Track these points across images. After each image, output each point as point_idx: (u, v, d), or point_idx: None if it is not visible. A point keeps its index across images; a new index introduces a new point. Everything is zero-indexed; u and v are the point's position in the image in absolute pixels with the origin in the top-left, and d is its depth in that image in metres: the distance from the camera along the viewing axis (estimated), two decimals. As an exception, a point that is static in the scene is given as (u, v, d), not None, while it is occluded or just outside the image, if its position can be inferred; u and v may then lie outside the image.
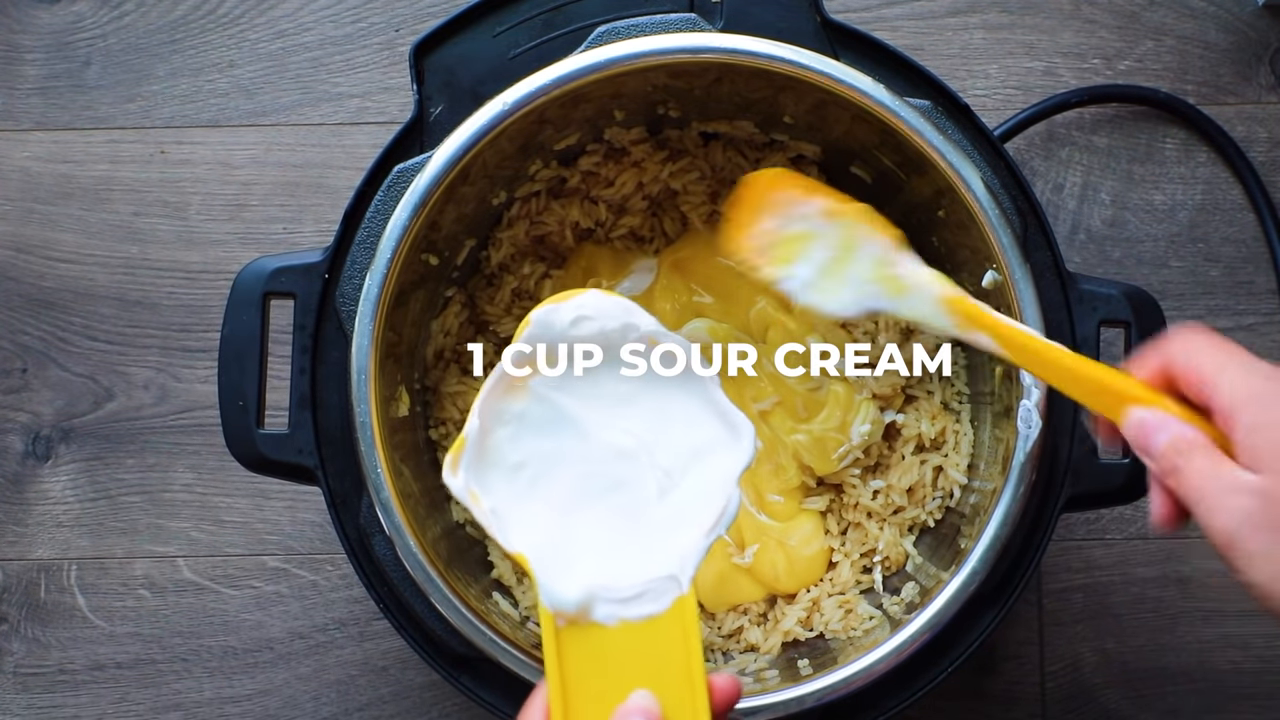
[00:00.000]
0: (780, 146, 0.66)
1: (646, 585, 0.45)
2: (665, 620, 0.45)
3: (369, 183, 0.58)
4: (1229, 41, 0.75)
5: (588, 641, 0.44)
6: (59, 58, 0.77)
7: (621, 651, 0.44)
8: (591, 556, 0.46)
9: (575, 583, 0.45)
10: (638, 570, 0.45)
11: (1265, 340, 0.74)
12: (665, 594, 0.45)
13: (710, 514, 0.46)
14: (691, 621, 0.45)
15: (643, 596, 0.45)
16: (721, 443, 0.47)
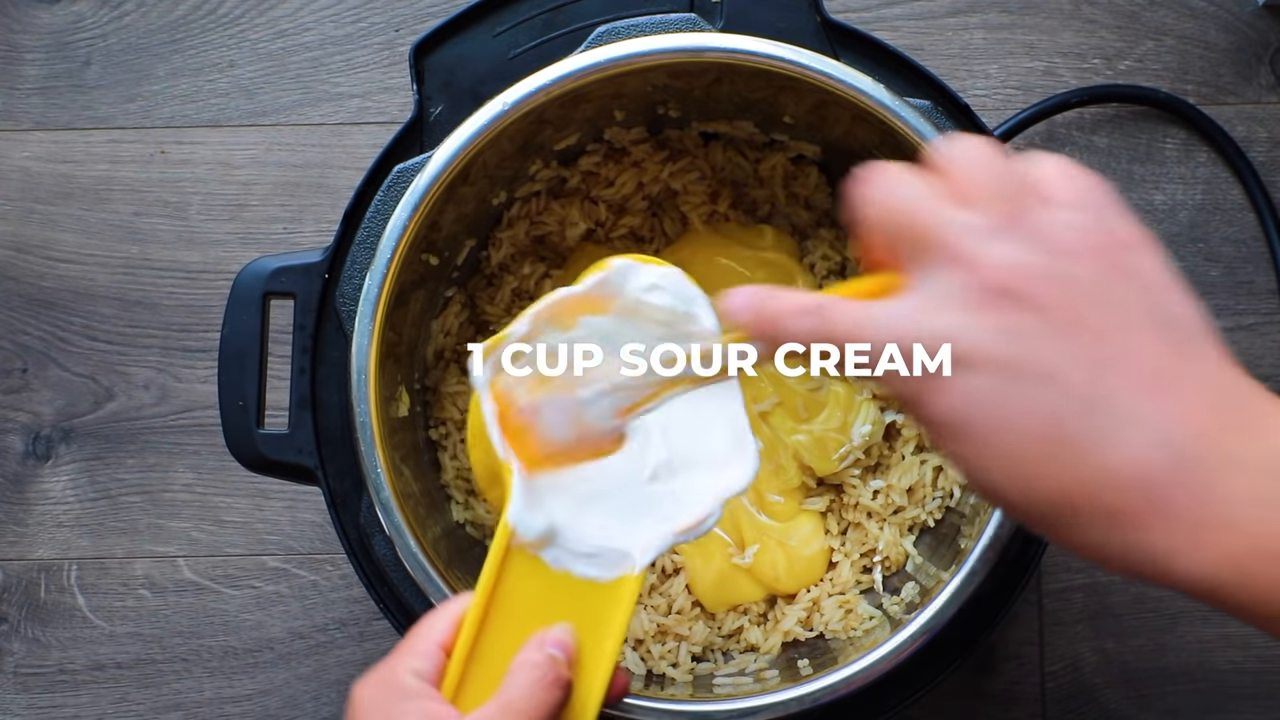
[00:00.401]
0: (780, 146, 0.66)
1: (601, 550, 0.46)
2: (604, 589, 0.45)
3: (369, 183, 0.58)
4: (1229, 41, 0.75)
5: (528, 571, 0.45)
6: (59, 58, 0.77)
7: (553, 595, 0.45)
8: (567, 500, 0.46)
9: (543, 515, 0.45)
10: (600, 534, 0.46)
11: (1265, 340, 0.74)
12: (615, 567, 0.46)
13: (687, 519, 0.46)
14: (628, 601, 0.45)
15: (594, 559, 0.45)
16: (725, 459, 0.47)
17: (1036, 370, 0.34)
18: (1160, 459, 0.33)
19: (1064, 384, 0.34)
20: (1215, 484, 0.33)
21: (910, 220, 0.36)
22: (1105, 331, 0.34)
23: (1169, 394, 0.34)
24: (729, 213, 0.68)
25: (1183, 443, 0.33)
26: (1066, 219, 0.35)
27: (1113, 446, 0.33)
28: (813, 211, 0.68)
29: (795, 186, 0.67)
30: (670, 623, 0.64)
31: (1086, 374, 0.34)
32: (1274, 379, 0.73)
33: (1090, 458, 0.33)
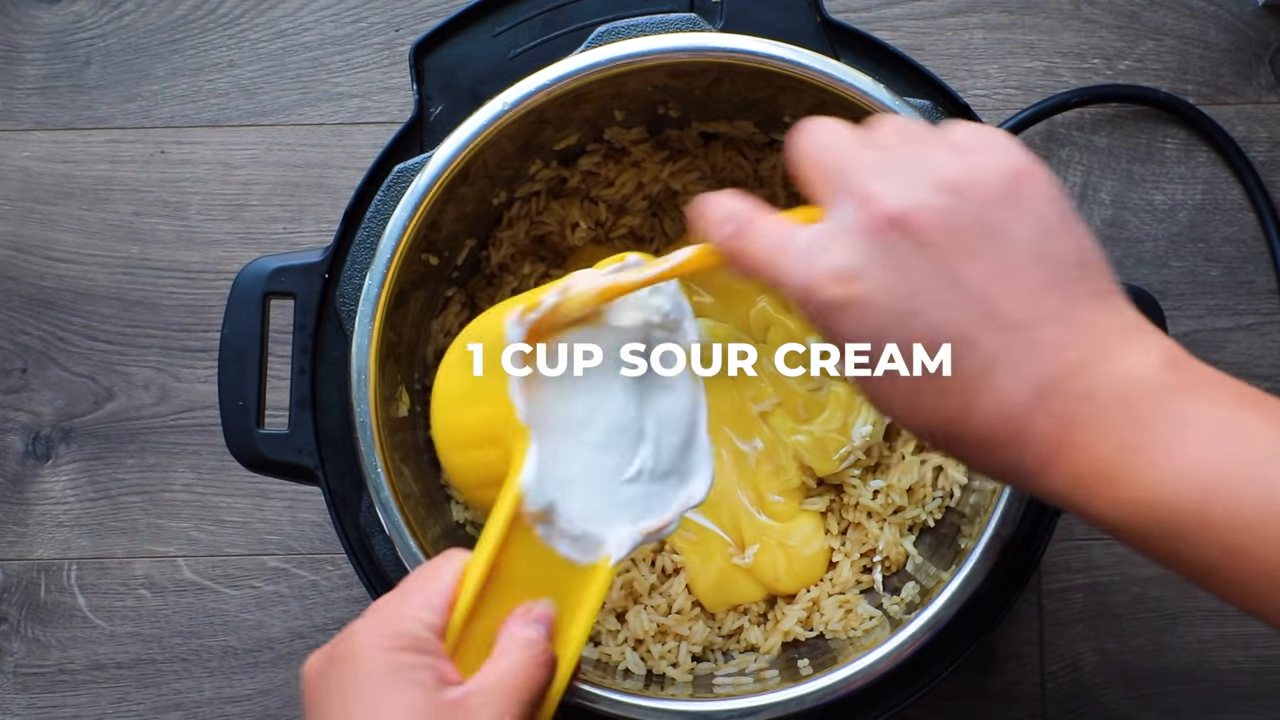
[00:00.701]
0: (780, 146, 0.66)
1: (585, 535, 0.47)
2: (580, 574, 0.47)
3: (369, 183, 0.58)
4: (1229, 41, 0.75)
5: (521, 541, 0.45)
6: (59, 57, 0.77)
7: (538, 570, 0.46)
8: (563, 480, 0.47)
9: (546, 489, 0.46)
10: (584, 519, 0.47)
11: (1265, 340, 0.74)
12: (593, 553, 0.47)
13: (649, 524, 0.48)
14: (600, 589, 0.46)
15: (576, 541, 0.47)
16: (691, 473, 0.50)
17: (920, 303, 0.37)
18: (1023, 397, 0.37)
19: (942, 319, 0.37)
20: (1067, 414, 0.37)
21: (827, 158, 0.40)
22: (985, 266, 0.37)
23: (1037, 331, 0.37)
24: (729, 213, 0.68)
25: (1043, 380, 0.37)
26: (965, 160, 0.38)
27: (985, 384, 0.37)
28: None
29: (795, 187, 0.67)
30: (670, 622, 0.64)
31: (963, 310, 0.37)
32: (1274, 379, 0.73)
33: (966, 394, 0.37)
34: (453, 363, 0.49)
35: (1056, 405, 0.37)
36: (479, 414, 0.47)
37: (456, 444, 0.49)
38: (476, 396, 0.47)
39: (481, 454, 0.47)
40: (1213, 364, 0.71)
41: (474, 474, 0.49)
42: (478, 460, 0.48)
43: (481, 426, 0.47)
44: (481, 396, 0.47)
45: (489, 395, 0.46)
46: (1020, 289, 0.37)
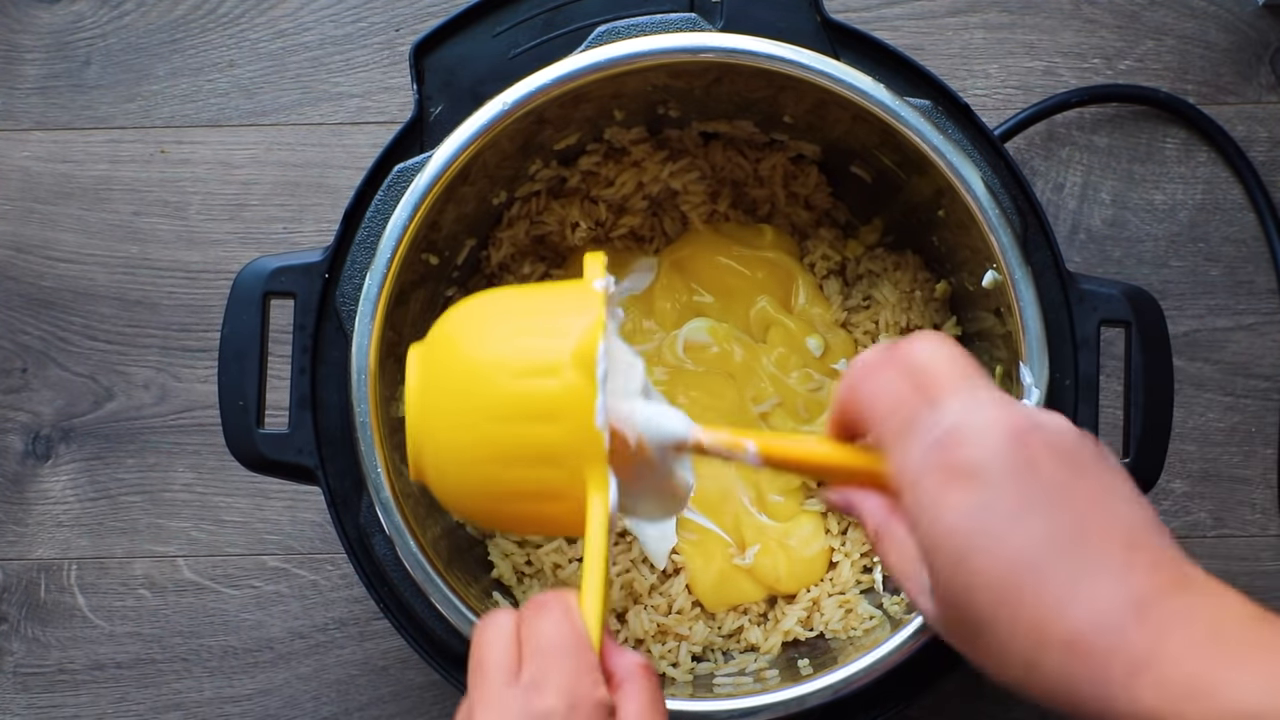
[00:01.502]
0: (780, 146, 0.66)
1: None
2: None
3: (369, 182, 0.58)
4: (1229, 41, 0.75)
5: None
6: (59, 57, 0.77)
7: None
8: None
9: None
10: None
11: (1265, 340, 0.74)
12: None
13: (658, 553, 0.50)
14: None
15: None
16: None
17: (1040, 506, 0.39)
18: (1122, 602, 0.38)
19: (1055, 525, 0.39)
20: (1164, 627, 0.37)
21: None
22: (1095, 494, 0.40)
23: (1132, 557, 0.38)
24: (729, 212, 0.68)
25: (1140, 592, 0.38)
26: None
27: (1086, 581, 0.38)
28: (812, 211, 0.68)
29: (795, 186, 0.67)
30: (670, 623, 0.64)
31: (1074, 525, 0.39)
32: (1274, 379, 0.73)
33: (1069, 588, 0.38)
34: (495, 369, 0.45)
35: (1153, 617, 0.37)
36: (540, 432, 0.44)
37: (495, 458, 0.45)
38: (541, 415, 0.44)
39: (532, 473, 0.45)
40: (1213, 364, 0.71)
41: (514, 490, 0.46)
42: (524, 478, 0.45)
43: (541, 446, 0.44)
44: (548, 415, 0.44)
45: (559, 415, 0.44)
46: (1122, 519, 0.39)
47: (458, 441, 0.46)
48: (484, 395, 0.45)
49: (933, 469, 0.40)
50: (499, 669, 0.42)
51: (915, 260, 0.66)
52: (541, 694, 0.40)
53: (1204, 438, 0.73)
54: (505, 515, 0.48)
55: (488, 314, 0.47)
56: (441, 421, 0.46)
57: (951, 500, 0.39)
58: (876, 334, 0.66)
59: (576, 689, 0.41)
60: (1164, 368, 0.57)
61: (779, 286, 0.68)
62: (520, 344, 0.45)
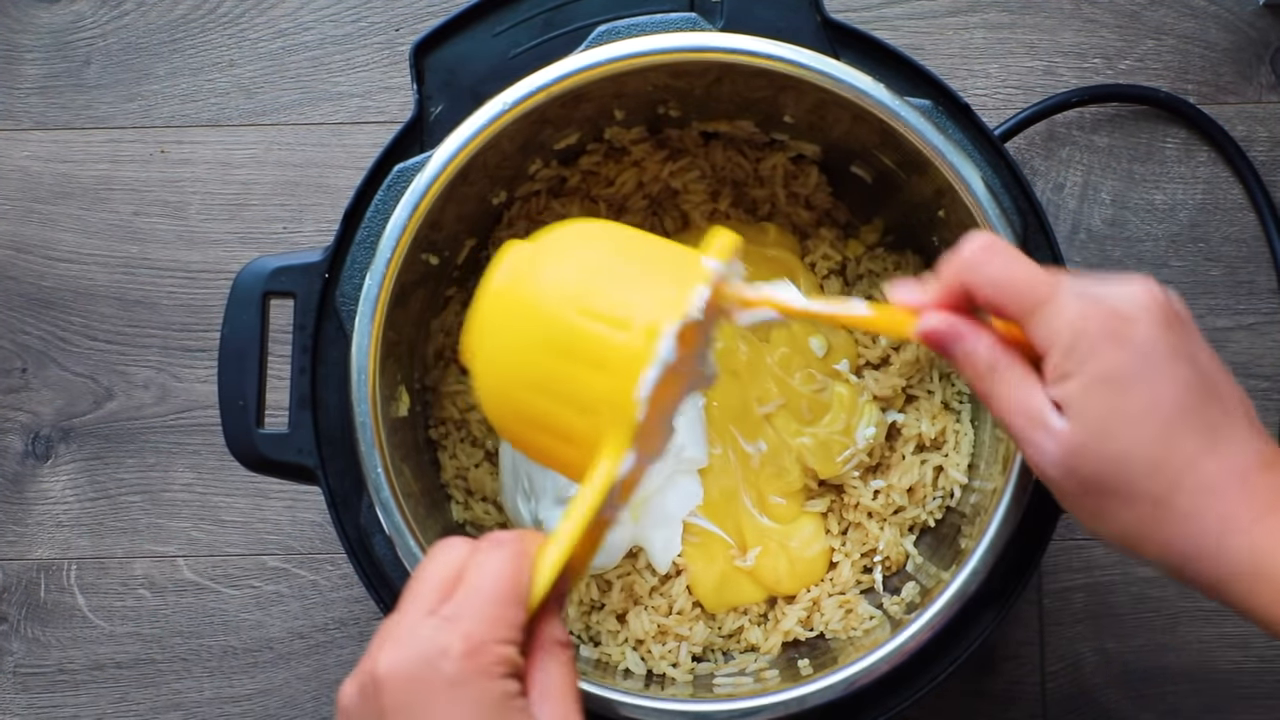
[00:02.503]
0: (780, 146, 0.66)
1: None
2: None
3: (369, 182, 0.58)
4: (1229, 41, 0.75)
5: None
6: (59, 57, 0.77)
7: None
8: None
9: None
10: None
11: (1266, 340, 0.74)
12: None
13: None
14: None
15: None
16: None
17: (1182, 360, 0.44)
18: (1253, 456, 0.44)
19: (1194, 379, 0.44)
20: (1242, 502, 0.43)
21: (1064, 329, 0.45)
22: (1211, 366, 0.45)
23: (1252, 422, 0.44)
24: (730, 211, 0.68)
25: (1270, 450, 0.44)
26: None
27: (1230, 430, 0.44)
28: (813, 211, 0.68)
29: (795, 186, 0.67)
30: (671, 623, 0.64)
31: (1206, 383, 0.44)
32: (1274, 378, 0.73)
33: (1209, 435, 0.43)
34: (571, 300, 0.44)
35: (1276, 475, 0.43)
36: (583, 376, 0.43)
37: (534, 383, 0.44)
38: (592, 361, 0.43)
39: (563, 411, 0.44)
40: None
41: (539, 420, 0.45)
42: (553, 412, 0.44)
43: (579, 390, 0.43)
44: (598, 363, 0.43)
45: (608, 368, 0.43)
46: (1229, 386, 0.45)
47: (509, 352, 0.45)
48: (551, 321, 0.44)
49: (1092, 321, 0.43)
50: (426, 596, 0.42)
51: (915, 260, 0.66)
52: (449, 630, 0.40)
53: (1204, 438, 0.73)
54: (524, 437, 0.47)
55: (593, 243, 0.47)
56: (504, 324, 0.45)
57: (1111, 347, 0.43)
58: (877, 334, 0.66)
59: (486, 636, 0.40)
60: (1164, 368, 0.57)
61: (780, 285, 0.68)
62: (606, 286, 0.44)
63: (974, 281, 0.46)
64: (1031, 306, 0.44)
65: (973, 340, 0.46)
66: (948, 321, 0.46)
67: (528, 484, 0.63)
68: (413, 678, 0.40)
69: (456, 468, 0.65)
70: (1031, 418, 0.45)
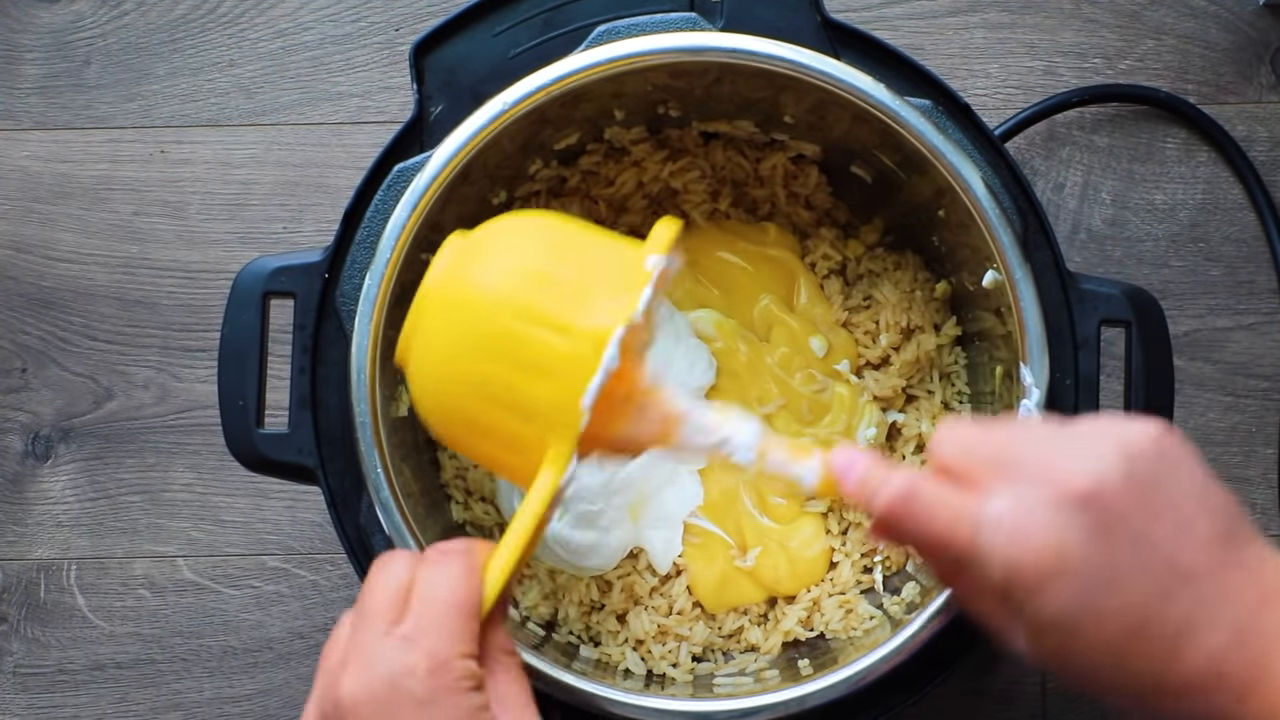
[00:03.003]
0: (780, 146, 0.66)
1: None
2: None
3: (369, 182, 0.58)
4: (1230, 41, 0.75)
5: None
6: (59, 57, 0.77)
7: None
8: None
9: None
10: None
11: (1266, 340, 0.74)
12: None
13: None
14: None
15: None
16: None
17: (1120, 569, 0.40)
18: (1225, 637, 0.40)
19: (1143, 581, 0.40)
20: (1262, 650, 0.40)
21: (984, 450, 0.43)
22: (1167, 525, 0.40)
23: (1222, 576, 0.40)
24: (729, 211, 0.68)
25: (1238, 621, 0.40)
26: (1113, 433, 0.42)
27: (1189, 634, 0.40)
28: (813, 211, 0.68)
29: (795, 186, 0.67)
30: (671, 623, 0.64)
31: (1159, 568, 0.40)
32: (1274, 378, 0.73)
33: (1171, 646, 0.40)
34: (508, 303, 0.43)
35: (1253, 643, 0.40)
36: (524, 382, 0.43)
37: (473, 388, 0.44)
38: (533, 368, 0.43)
39: (503, 418, 0.43)
40: (1213, 364, 0.71)
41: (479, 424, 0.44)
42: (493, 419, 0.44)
43: (520, 396, 0.43)
44: (540, 371, 0.43)
45: (551, 375, 0.42)
46: (1199, 540, 0.40)
47: (447, 354, 0.44)
48: (488, 325, 0.43)
49: (1022, 566, 0.40)
50: (380, 615, 0.42)
51: (915, 260, 0.66)
52: (411, 649, 0.40)
53: (1204, 438, 0.73)
54: (463, 441, 0.47)
55: (531, 240, 0.45)
56: (441, 324, 0.44)
57: (1045, 591, 0.40)
58: (877, 334, 0.66)
59: (448, 652, 0.40)
60: (1164, 368, 0.57)
61: (781, 285, 0.67)
62: (546, 289, 0.43)
63: (897, 535, 0.44)
64: (959, 563, 0.42)
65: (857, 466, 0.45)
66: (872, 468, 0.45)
67: (526, 484, 0.63)
68: (380, 701, 0.40)
69: (456, 468, 0.65)
70: (996, 621, 0.44)
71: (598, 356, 0.42)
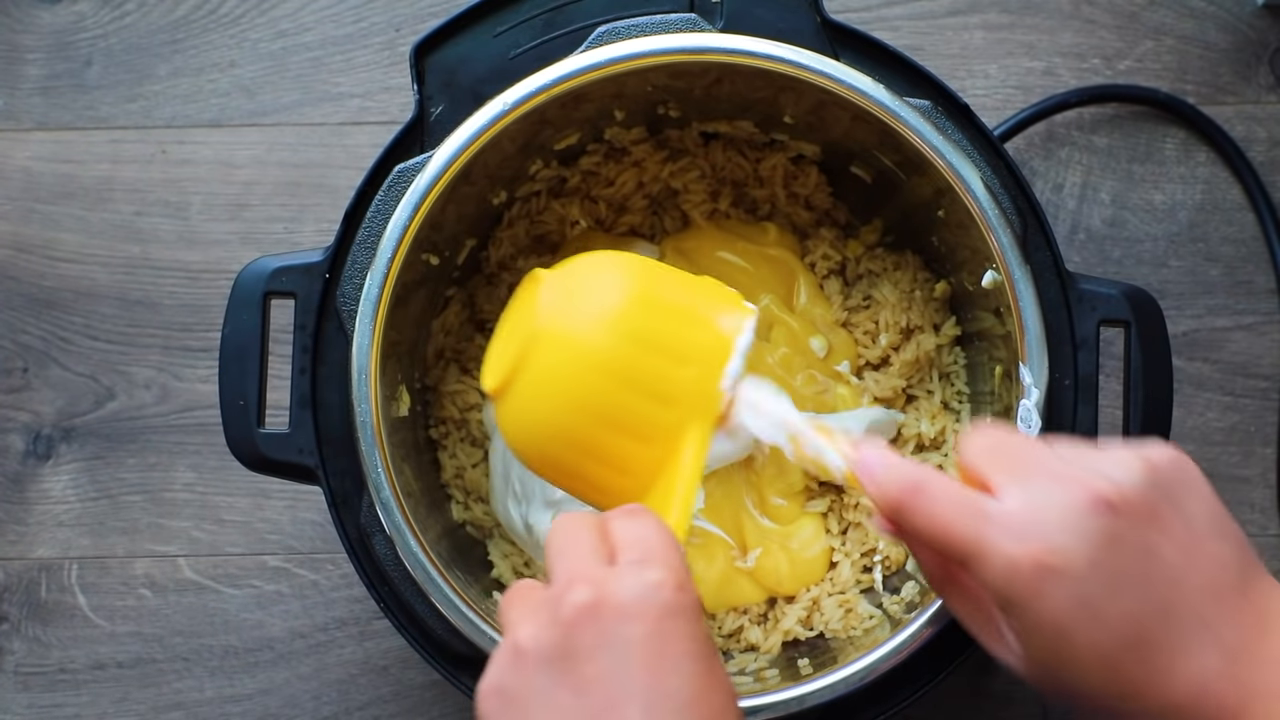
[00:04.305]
0: (780, 146, 0.66)
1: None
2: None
3: (370, 183, 0.58)
4: (1229, 41, 0.75)
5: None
6: (60, 57, 0.77)
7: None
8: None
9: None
10: None
11: (1265, 340, 0.74)
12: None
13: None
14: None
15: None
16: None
17: (1125, 579, 0.40)
18: (1218, 661, 0.40)
19: (1146, 592, 0.40)
20: (1250, 679, 0.40)
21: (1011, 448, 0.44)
22: (1177, 543, 0.41)
23: (1224, 602, 0.41)
24: (730, 211, 0.68)
25: (1230, 649, 0.40)
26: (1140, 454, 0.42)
27: (1181, 652, 0.40)
28: (813, 211, 0.68)
29: (795, 186, 0.68)
30: (670, 622, 0.64)
31: (1162, 583, 0.41)
32: (1274, 378, 0.73)
33: (1164, 660, 0.40)
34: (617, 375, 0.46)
35: (1245, 670, 0.40)
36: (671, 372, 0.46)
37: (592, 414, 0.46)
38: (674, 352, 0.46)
39: (647, 409, 0.46)
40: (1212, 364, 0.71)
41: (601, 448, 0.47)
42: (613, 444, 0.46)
43: (665, 386, 0.46)
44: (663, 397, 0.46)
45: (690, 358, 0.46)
46: (1206, 563, 0.41)
47: (562, 385, 0.46)
48: (597, 394, 0.46)
49: (1021, 570, 0.40)
50: (592, 552, 0.41)
51: (915, 260, 0.66)
52: (653, 569, 0.40)
53: (1203, 437, 0.73)
54: (567, 465, 0.48)
55: (629, 270, 0.48)
56: (555, 361, 0.46)
57: (1044, 592, 0.40)
58: (877, 334, 0.66)
59: (686, 575, 0.41)
60: (1163, 367, 0.57)
61: (781, 284, 0.68)
62: (662, 316, 0.47)
63: (905, 527, 0.44)
64: (961, 556, 0.42)
65: (917, 551, 0.46)
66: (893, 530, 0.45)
67: (519, 488, 0.63)
68: (624, 611, 0.39)
69: (456, 467, 0.65)
70: (984, 630, 0.45)
71: (730, 343, 0.46)
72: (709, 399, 0.46)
